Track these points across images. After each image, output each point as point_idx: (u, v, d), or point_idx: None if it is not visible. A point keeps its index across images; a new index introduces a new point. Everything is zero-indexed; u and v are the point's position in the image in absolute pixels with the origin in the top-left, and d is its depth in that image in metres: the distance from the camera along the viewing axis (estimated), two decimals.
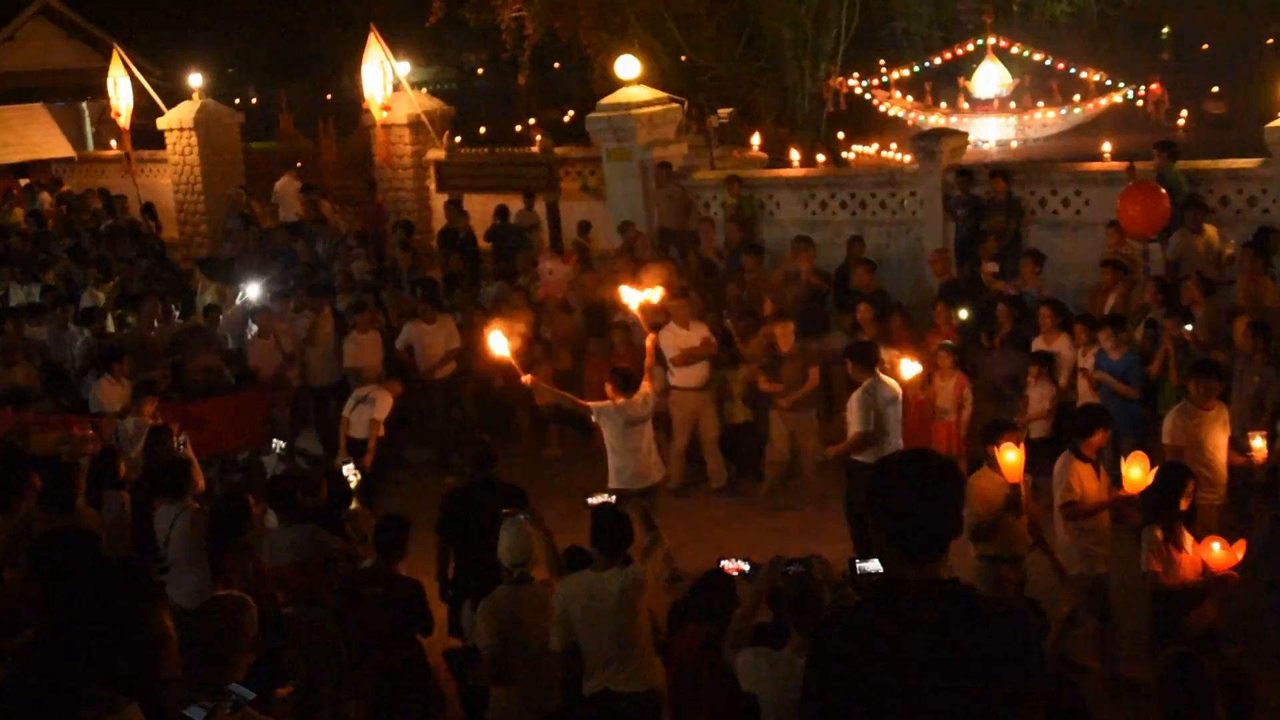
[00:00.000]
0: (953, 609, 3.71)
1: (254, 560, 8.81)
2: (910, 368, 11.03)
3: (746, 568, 7.04)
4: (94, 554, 6.98)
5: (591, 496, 8.40)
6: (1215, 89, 38.14)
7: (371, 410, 12.98)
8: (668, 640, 7.78)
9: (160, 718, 5.47)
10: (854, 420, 10.70)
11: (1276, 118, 14.93)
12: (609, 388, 11.09)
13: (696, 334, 13.47)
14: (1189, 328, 11.80)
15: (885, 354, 11.64)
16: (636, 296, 11.62)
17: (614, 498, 8.42)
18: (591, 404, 11.27)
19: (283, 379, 14.95)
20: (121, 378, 12.98)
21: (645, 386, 11.07)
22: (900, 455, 4.01)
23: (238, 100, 38.53)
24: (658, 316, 12.45)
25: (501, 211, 19.93)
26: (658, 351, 12.08)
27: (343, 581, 8.66)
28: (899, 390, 10.81)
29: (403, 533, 8.48)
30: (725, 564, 7.37)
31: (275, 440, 12.90)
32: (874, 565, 6.26)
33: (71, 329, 15.85)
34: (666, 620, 8.09)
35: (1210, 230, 14.14)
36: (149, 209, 24.95)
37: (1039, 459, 11.79)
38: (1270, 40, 41.28)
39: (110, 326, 16.57)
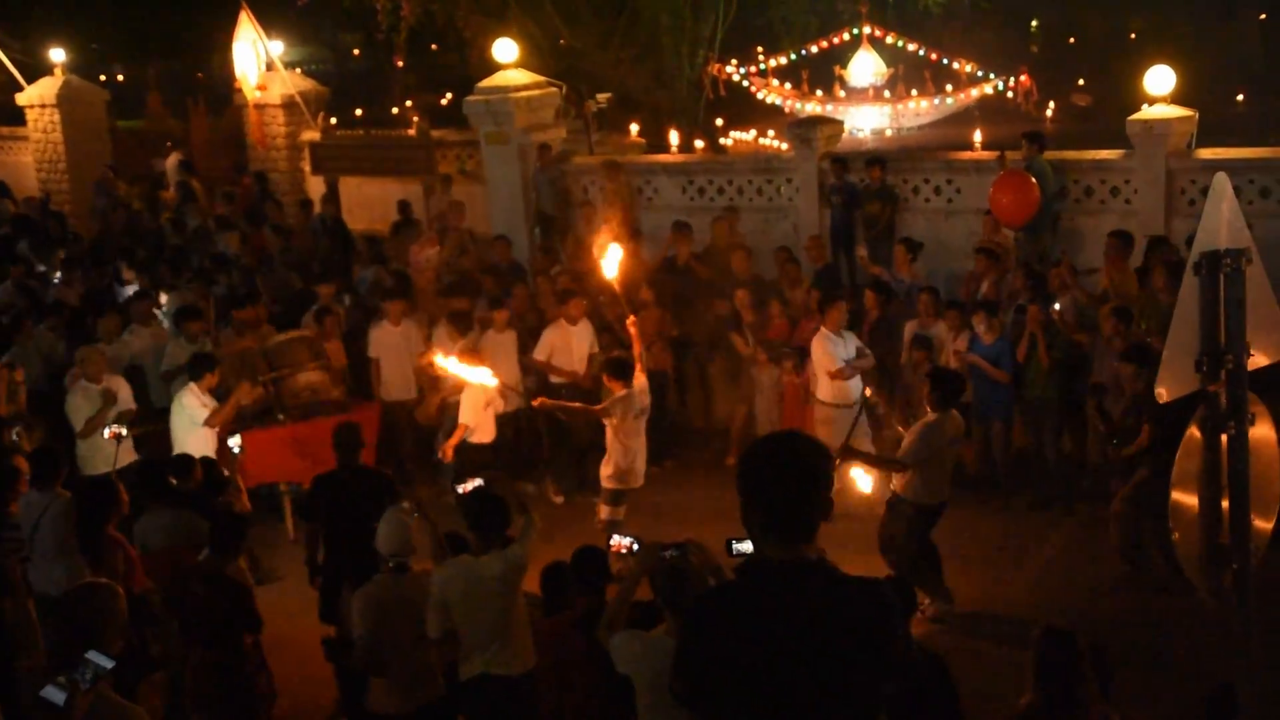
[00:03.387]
0: (816, 588, 3.78)
1: (123, 547, 8.60)
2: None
3: (635, 546, 7.09)
4: None
5: (461, 484, 8.38)
6: (1081, 81, 39.15)
7: None
8: (542, 621, 7.77)
9: (19, 709, 5.32)
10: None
11: (1139, 110, 15.35)
12: (610, 381, 10.98)
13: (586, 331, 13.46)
14: (1056, 306, 12.13)
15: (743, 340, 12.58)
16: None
17: (483, 481, 8.37)
18: (602, 404, 11.08)
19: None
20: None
21: (641, 376, 10.90)
22: (769, 438, 4.05)
23: (103, 77, 37.44)
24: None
25: (404, 207, 19.55)
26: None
27: (171, 574, 8.45)
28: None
29: (238, 531, 8.31)
30: (615, 540, 7.42)
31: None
32: (748, 545, 6.45)
33: None
34: (542, 599, 8.10)
35: None
36: (1, 188, 24.17)
37: None
38: (1134, 35, 42.45)
39: None
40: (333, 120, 24.77)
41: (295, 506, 11.92)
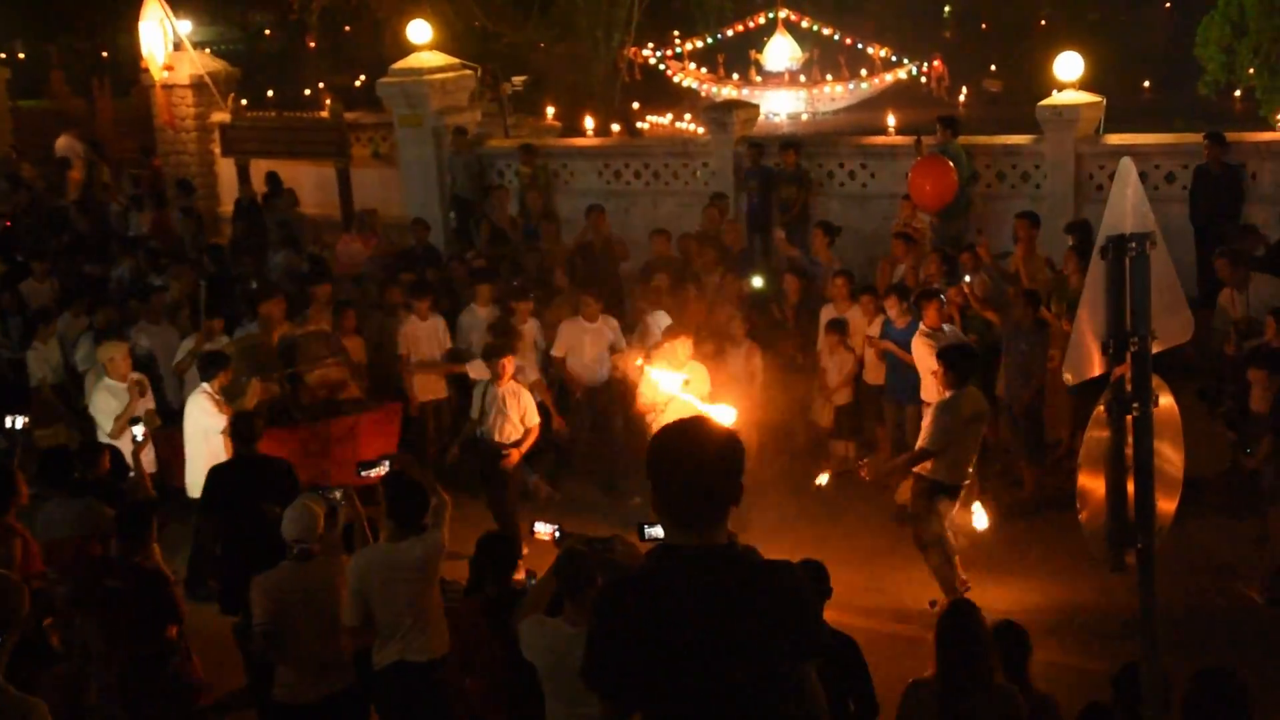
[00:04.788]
0: (728, 573, 3.78)
1: (21, 536, 8.39)
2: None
3: (558, 534, 7.04)
4: None
5: (367, 469, 8.31)
6: (993, 67, 39.65)
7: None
8: (453, 607, 7.74)
9: None
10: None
11: (1049, 96, 15.57)
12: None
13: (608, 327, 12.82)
14: (966, 279, 12.22)
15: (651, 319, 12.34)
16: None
17: (388, 465, 8.28)
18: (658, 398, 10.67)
19: None
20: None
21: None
22: (678, 424, 4.02)
23: (3, 55, 36.54)
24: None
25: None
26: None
27: (81, 569, 8.27)
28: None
29: (146, 522, 8.14)
30: (538, 527, 7.39)
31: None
32: (659, 530, 6.49)
33: None
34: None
35: None
36: None
37: (844, 424, 12.34)
38: (1043, 22, 43.03)
39: None
40: (243, 102, 24.38)
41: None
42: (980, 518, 10.15)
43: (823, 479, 10.82)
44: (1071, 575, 9.79)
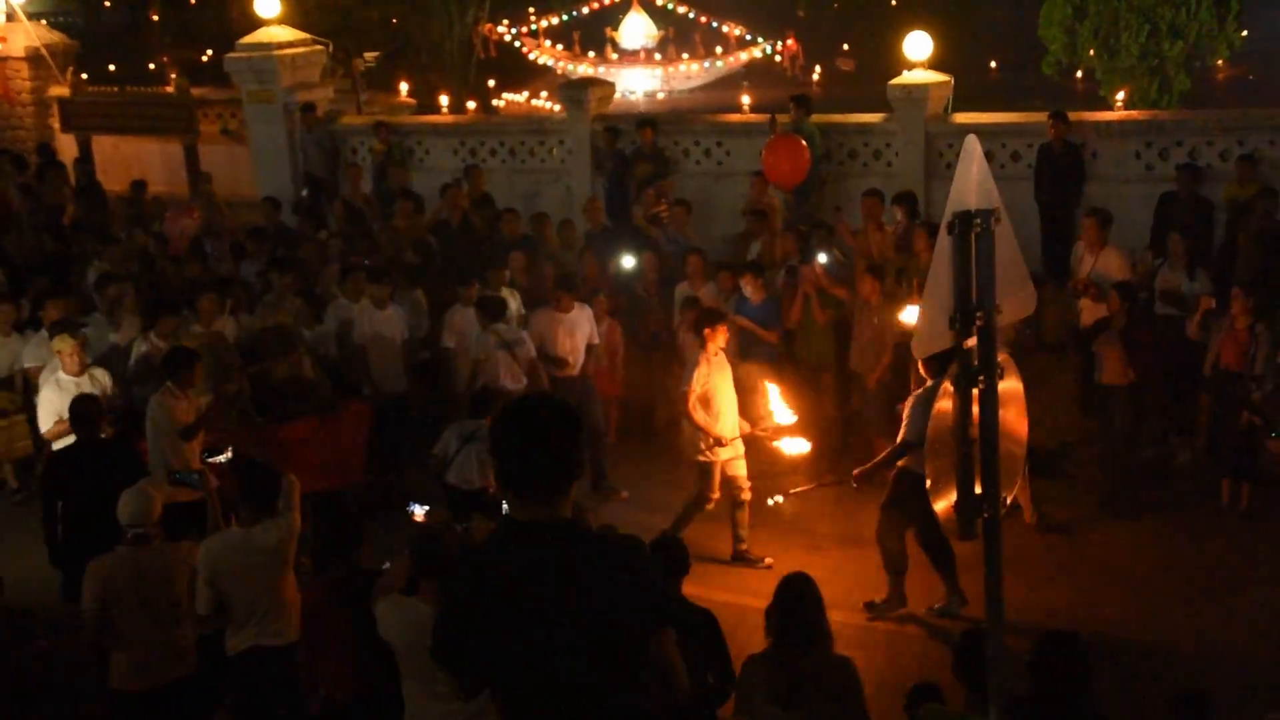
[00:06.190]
0: (565, 547, 3.82)
1: None
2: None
3: (428, 514, 7.01)
4: None
5: (211, 455, 8.14)
6: (845, 46, 40.16)
7: None
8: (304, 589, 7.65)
9: None
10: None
11: (899, 76, 15.83)
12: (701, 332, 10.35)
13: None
14: (822, 258, 12.39)
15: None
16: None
17: (233, 452, 8.14)
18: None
19: None
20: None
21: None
22: (517, 401, 4.11)
23: None
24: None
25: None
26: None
27: None
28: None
29: None
30: (414, 508, 7.37)
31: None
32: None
33: None
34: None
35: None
36: None
37: None
38: (894, 2, 43.70)
39: None
40: (84, 76, 23.60)
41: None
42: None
43: (777, 499, 10.73)
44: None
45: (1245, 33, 23.87)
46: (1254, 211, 12.79)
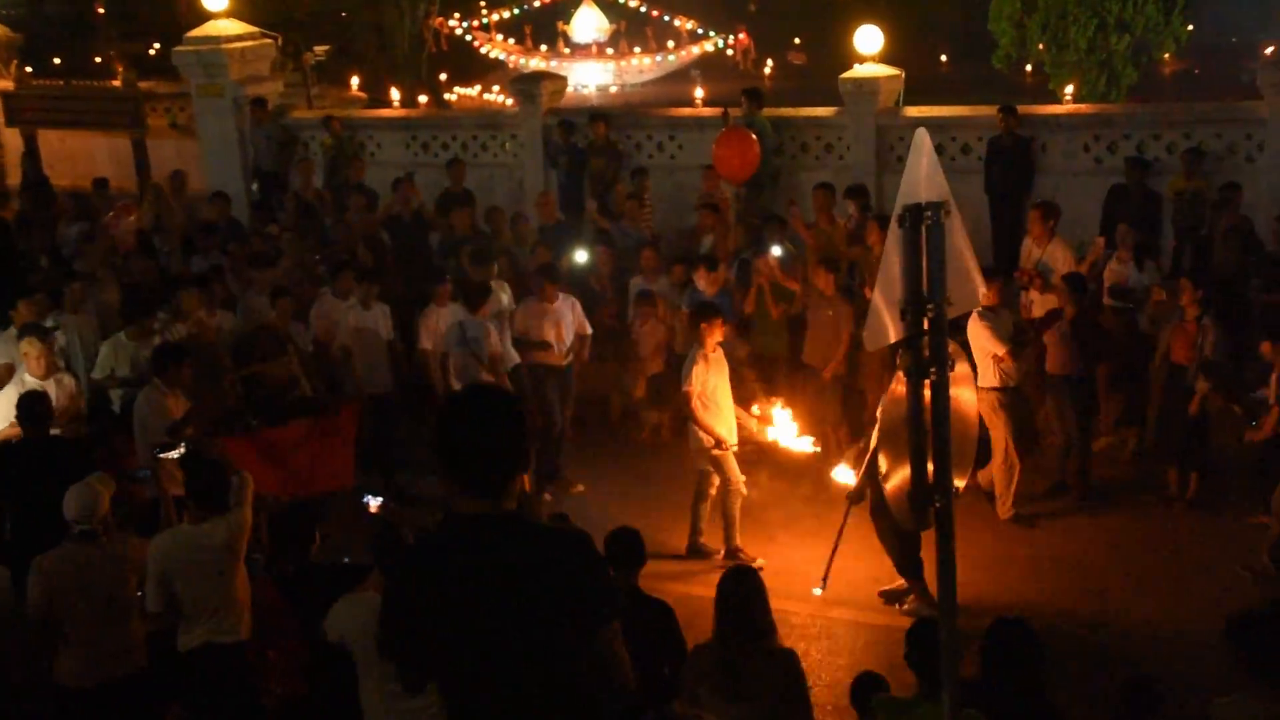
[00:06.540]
0: (510, 540, 3.81)
1: None
2: None
3: (386, 507, 7.00)
4: None
5: (164, 452, 8.07)
6: (797, 40, 40.32)
7: None
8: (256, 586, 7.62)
9: None
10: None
11: (850, 69, 15.90)
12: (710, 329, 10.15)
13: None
14: (776, 251, 12.42)
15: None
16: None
17: (185, 448, 8.08)
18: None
19: None
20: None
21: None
22: (461, 393, 4.09)
23: None
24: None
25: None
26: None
27: None
28: None
29: None
30: (368, 498, 7.34)
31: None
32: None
33: None
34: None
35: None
36: None
37: (655, 394, 12.54)
38: None
39: None
40: (28, 69, 23.30)
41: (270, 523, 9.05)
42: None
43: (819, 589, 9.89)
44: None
45: (1191, 27, 24.18)
46: (1227, 207, 12.92)
